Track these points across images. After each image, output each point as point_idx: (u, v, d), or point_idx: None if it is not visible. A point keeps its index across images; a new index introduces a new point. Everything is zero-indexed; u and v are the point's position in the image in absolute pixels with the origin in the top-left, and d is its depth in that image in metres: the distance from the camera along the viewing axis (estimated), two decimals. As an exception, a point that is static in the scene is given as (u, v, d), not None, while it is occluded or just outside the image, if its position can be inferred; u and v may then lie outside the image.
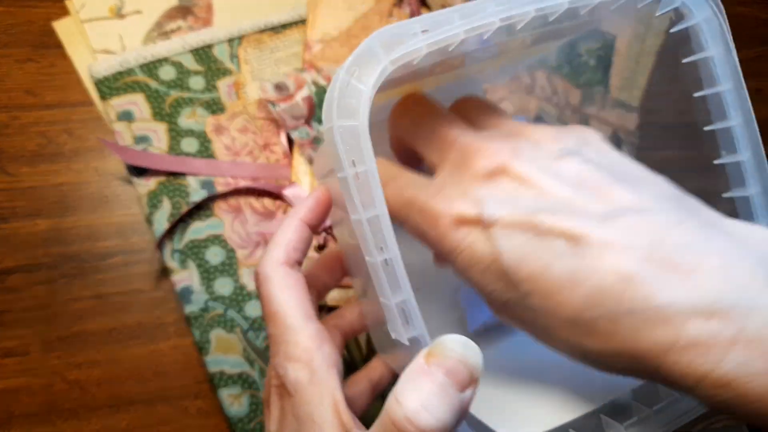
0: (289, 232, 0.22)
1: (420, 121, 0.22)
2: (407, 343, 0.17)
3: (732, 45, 0.21)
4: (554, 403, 0.21)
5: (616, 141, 0.45)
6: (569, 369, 0.22)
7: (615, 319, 0.16)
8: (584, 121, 0.45)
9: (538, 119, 0.42)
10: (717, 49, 0.21)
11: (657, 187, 0.19)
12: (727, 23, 0.21)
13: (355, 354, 0.37)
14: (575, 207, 0.17)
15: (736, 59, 0.21)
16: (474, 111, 0.23)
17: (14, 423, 0.34)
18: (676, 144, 0.48)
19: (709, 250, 0.15)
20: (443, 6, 0.43)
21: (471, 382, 0.16)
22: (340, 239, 0.26)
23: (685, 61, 0.22)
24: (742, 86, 0.21)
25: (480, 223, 0.18)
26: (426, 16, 0.18)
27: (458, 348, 0.16)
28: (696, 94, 0.22)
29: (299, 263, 0.23)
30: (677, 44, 0.23)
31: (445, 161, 0.21)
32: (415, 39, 0.17)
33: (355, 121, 0.17)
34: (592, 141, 0.21)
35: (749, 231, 0.17)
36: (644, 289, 0.15)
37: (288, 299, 0.21)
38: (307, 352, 0.20)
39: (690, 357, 0.15)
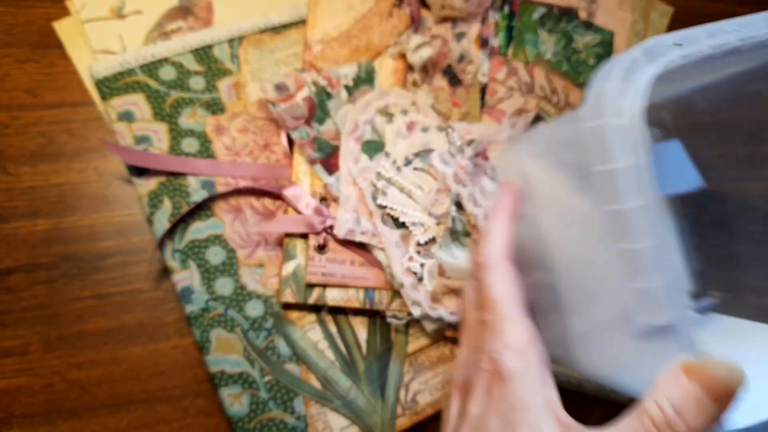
0: (505, 226, 0.23)
1: None
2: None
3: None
4: None
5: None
6: None
7: None
8: (584, 121, 0.45)
9: (538, 119, 0.42)
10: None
11: None
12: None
13: (355, 353, 0.37)
14: None
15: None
16: None
17: (14, 423, 0.34)
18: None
19: None
20: (443, 7, 0.43)
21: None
22: (527, 235, 0.26)
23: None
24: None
25: None
26: (677, 34, 0.21)
27: (723, 371, 0.16)
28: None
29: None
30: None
31: None
32: (672, 52, 0.20)
33: (627, 120, 0.18)
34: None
35: None
36: None
37: (508, 291, 0.22)
38: (524, 343, 0.21)
39: None
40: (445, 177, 0.37)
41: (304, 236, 0.37)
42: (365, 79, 0.39)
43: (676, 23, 0.51)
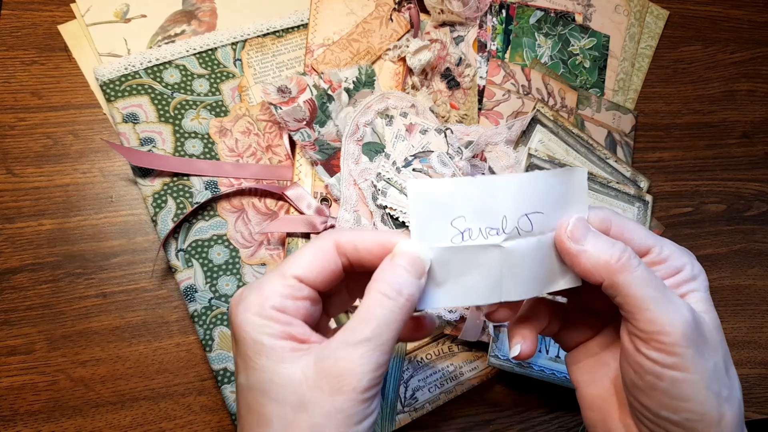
0: (354, 233, 0.24)
1: None
2: None
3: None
4: None
5: (612, 142, 0.46)
6: None
7: None
8: (580, 123, 0.46)
9: (535, 121, 0.43)
10: None
11: None
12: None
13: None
14: None
15: None
16: None
17: (19, 420, 0.34)
18: (671, 144, 0.49)
19: None
20: (442, 12, 0.44)
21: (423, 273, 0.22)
22: None
23: None
24: None
25: None
26: None
27: (412, 250, 0.22)
28: None
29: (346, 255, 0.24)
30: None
31: None
32: None
33: None
34: None
35: None
36: None
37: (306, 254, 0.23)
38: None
39: None
40: (444, 178, 0.38)
41: (306, 236, 0.37)
42: (366, 82, 0.40)
43: (672, 27, 0.52)
